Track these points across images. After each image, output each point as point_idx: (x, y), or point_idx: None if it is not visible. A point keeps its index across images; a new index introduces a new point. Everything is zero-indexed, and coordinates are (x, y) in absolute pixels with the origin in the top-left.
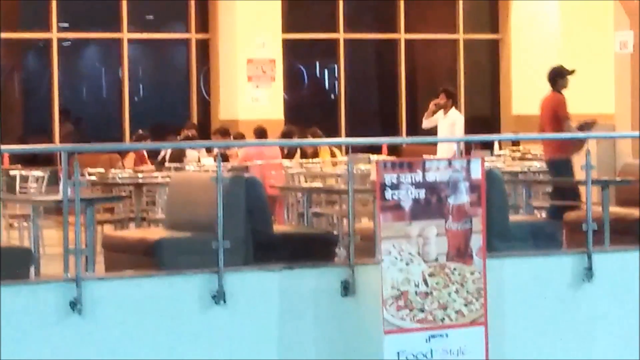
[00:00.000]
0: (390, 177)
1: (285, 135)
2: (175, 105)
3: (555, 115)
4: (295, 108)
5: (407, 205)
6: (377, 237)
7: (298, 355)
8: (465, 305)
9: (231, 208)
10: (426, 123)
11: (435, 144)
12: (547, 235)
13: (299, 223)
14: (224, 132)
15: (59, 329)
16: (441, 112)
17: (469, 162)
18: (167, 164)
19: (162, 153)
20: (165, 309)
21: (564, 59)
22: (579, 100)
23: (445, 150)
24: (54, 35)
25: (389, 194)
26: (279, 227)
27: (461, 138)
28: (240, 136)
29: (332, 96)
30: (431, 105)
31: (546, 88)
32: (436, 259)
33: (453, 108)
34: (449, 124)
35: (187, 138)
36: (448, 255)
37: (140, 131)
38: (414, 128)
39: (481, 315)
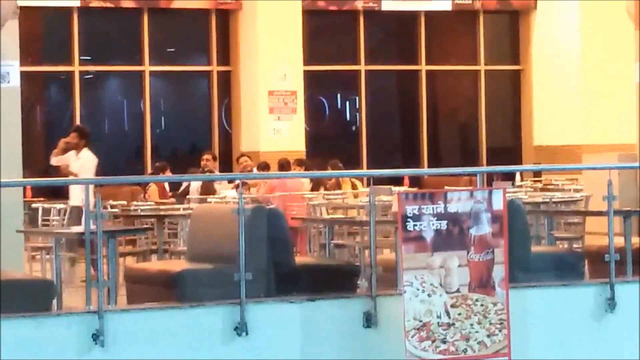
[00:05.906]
0: (412, 208)
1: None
2: (197, 137)
3: None
4: (317, 139)
5: (428, 236)
6: (398, 268)
7: None
8: (488, 336)
9: (253, 240)
10: (54, 160)
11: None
12: (570, 266)
13: (320, 254)
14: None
15: None
16: (73, 151)
17: (490, 192)
18: (193, 196)
19: (184, 185)
20: (188, 341)
21: (585, 89)
22: (601, 131)
23: (77, 194)
24: (76, 68)
25: (410, 225)
26: (300, 259)
27: (478, 169)
28: (265, 166)
29: (354, 127)
30: (61, 143)
31: (568, 119)
32: (458, 290)
33: (85, 149)
34: (80, 164)
35: (207, 168)
36: (470, 286)
37: (157, 163)
38: (436, 159)
39: (504, 346)
